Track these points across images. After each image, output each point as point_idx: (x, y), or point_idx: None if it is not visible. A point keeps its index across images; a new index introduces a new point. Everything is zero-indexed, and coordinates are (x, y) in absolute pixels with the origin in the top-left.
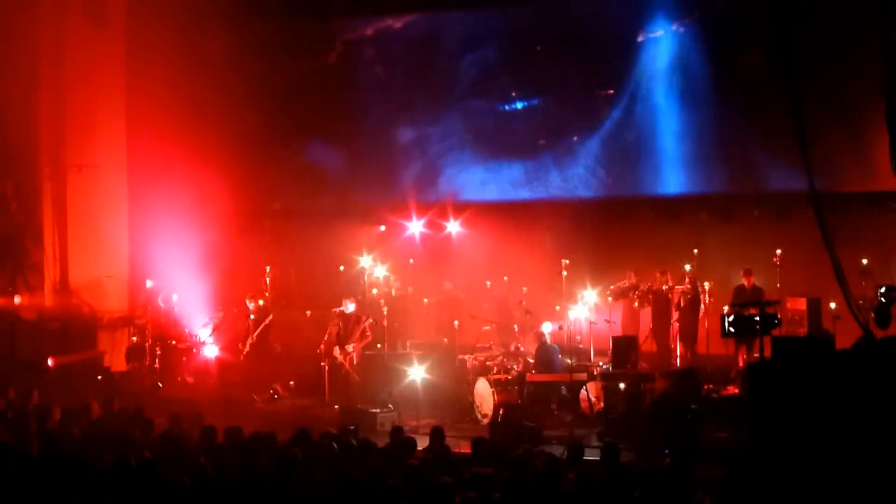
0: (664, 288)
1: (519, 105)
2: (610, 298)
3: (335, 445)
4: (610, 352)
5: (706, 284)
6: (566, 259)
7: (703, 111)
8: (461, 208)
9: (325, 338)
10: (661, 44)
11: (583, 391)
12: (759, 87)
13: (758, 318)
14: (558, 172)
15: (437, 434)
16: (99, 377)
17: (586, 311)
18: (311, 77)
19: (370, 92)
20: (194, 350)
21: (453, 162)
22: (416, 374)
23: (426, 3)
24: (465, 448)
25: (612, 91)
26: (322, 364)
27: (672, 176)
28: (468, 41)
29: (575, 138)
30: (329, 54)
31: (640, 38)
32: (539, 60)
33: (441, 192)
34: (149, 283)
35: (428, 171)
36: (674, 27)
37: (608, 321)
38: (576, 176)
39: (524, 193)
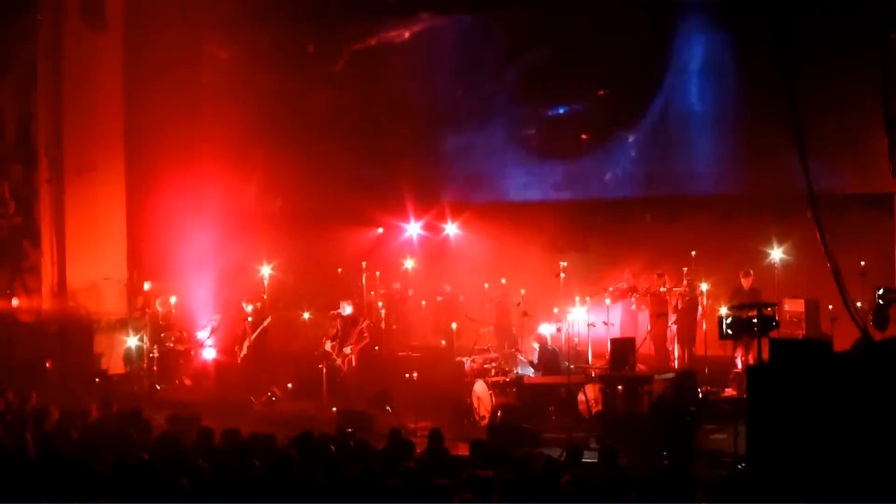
0: (662, 290)
1: (560, 110)
2: (608, 300)
3: (333, 447)
4: (608, 354)
5: (704, 286)
6: (564, 261)
7: (707, 112)
8: (459, 210)
9: (323, 340)
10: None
11: (581, 393)
12: (757, 86)
13: (756, 320)
14: (598, 175)
15: (435, 436)
16: (97, 379)
17: (584, 313)
18: (314, 81)
19: (376, 95)
20: (192, 352)
21: (499, 164)
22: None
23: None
24: (463, 450)
25: (602, 92)
26: (320, 366)
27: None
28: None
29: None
30: (335, 59)
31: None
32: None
33: (486, 193)
34: (147, 286)
35: (474, 173)
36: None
37: (606, 323)
38: (613, 177)
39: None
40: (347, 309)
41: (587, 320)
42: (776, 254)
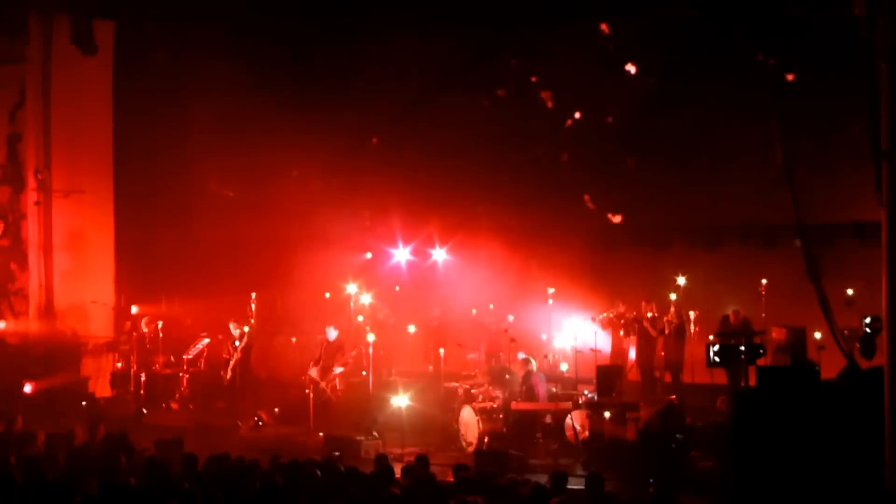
0: (649, 316)
1: None
2: (598, 327)
3: (319, 473)
4: (595, 380)
5: (691, 314)
6: (552, 287)
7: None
8: (447, 235)
9: (311, 365)
10: None
11: (568, 420)
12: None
13: (742, 348)
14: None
15: (421, 462)
16: (83, 403)
17: (572, 339)
18: (306, 106)
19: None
20: (179, 376)
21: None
22: (401, 401)
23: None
24: (450, 476)
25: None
26: (306, 391)
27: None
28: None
29: None
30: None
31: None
32: None
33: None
34: (134, 309)
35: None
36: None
37: (593, 350)
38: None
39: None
40: (333, 334)
41: (575, 347)
42: (763, 282)
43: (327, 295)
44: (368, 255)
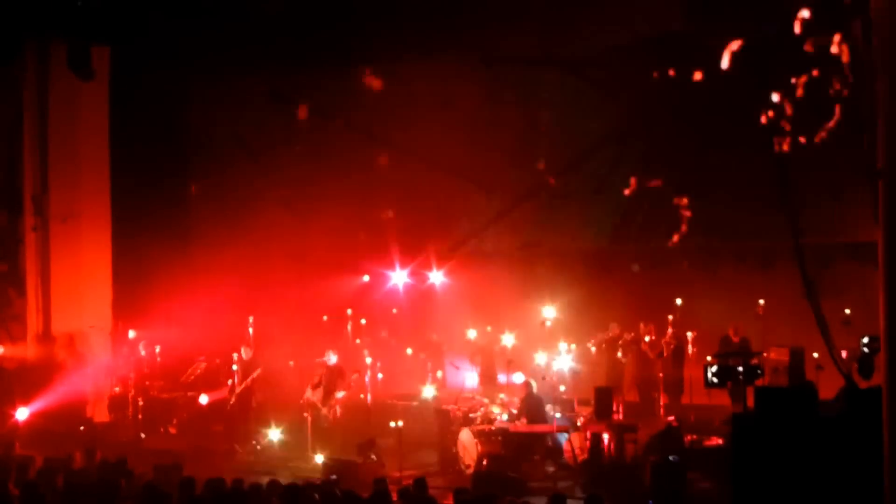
0: (647, 338)
1: None
2: (593, 349)
3: (317, 496)
4: (593, 402)
5: (689, 334)
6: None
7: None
8: (444, 258)
9: (308, 388)
10: None
11: (566, 442)
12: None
13: (740, 369)
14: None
15: (419, 485)
16: (81, 427)
17: (570, 361)
18: (302, 128)
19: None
20: (177, 400)
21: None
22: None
23: None
24: (448, 499)
25: None
26: (305, 415)
27: None
28: None
29: None
30: (322, 109)
31: None
32: None
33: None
34: (131, 333)
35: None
36: None
37: (591, 372)
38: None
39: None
40: (333, 358)
41: (573, 368)
42: (761, 302)
43: (325, 318)
44: (366, 278)
